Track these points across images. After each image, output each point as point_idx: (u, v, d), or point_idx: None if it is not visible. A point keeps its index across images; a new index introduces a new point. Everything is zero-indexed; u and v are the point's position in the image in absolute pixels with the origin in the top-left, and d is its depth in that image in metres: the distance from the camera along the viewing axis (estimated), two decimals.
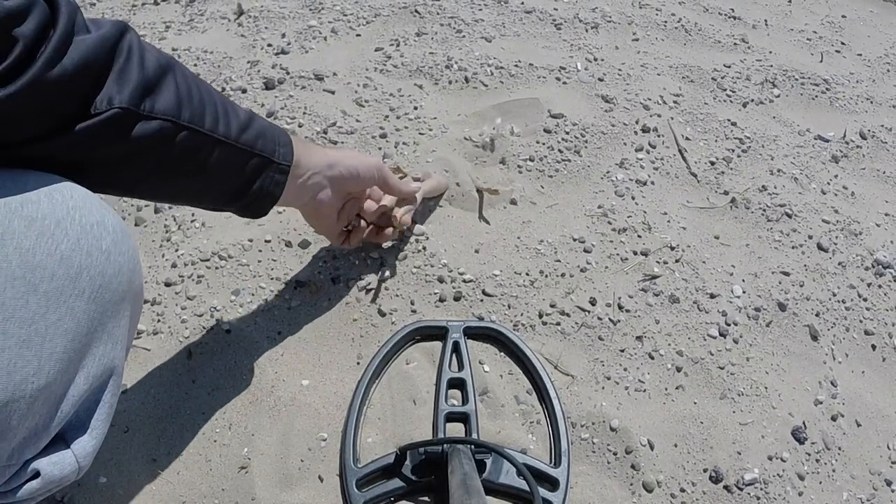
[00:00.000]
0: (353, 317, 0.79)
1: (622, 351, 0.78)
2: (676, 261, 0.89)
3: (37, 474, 0.40)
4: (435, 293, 0.81)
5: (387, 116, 1.08)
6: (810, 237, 0.97)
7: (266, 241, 0.85)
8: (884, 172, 1.14)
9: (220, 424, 0.69)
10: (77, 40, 0.42)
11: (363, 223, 0.78)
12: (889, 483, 0.72)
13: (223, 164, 0.55)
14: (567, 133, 1.07)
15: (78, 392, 0.41)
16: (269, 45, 1.24)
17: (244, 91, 1.11)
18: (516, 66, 1.21)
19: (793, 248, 0.95)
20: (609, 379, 0.75)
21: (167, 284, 0.81)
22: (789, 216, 1.00)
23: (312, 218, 0.72)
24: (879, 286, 0.92)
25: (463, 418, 0.70)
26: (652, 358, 0.78)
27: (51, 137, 0.43)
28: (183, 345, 0.75)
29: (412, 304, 0.80)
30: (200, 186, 0.56)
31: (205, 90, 0.54)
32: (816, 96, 1.29)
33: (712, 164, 1.07)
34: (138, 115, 0.47)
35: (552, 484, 0.64)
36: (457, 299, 0.81)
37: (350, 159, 0.69)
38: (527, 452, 0.68)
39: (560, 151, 1.04)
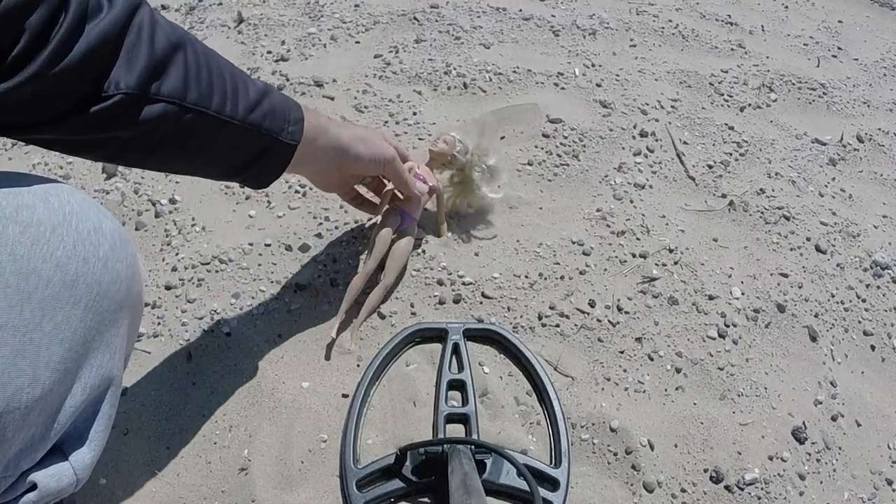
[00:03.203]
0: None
1: (622, 352, 0.78)
2: (675, 263, 0.90)
3: (34, 486, 0.39)
4: (435, 296, 0.82)
5: (386, 122, 1.08)
6: (808, 239, 0.97)
7: (266, 245, 0.86)
8: (881, 175, 1.14)
9: (221, 426, 0.69)
10: (89, 28, 0.41)
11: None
12: (890, 482, 0.71)
13: (228, 143, 0.55)
14: (565, 138, 1.08)
15: (75, 403, 0.40)
16: (269, 52, 1.25)
17: None
18: (515, 72, 1.22)
19: (791, 250, 0.95)
20: (609, 380, 0.76)
21: (167, 288, 0.81)
22: (787, 218, 1.00)
23: (316, 183, 0.74)
24: (878, 287, 0.92)
25: (463, 419, 0.70)
26: (651, 359, 0.78)
27: (63, 120, 0.43)
28: (183, 347, 0.75)
29: (412, 306, 0.80)
30: (204, 163, 0.56)
31: (215, 67, 0.53)
32: (813, 100, 1.30)
33: (710, 167, 1.08)
34: (145, 99, 0.46)
35: (552, 484, 0.64)
36: (456, 302, 0.81)
37: (360, 146, 0.69)
38: (527, 453, 0.68)
39: (559, 156, 1.04)
